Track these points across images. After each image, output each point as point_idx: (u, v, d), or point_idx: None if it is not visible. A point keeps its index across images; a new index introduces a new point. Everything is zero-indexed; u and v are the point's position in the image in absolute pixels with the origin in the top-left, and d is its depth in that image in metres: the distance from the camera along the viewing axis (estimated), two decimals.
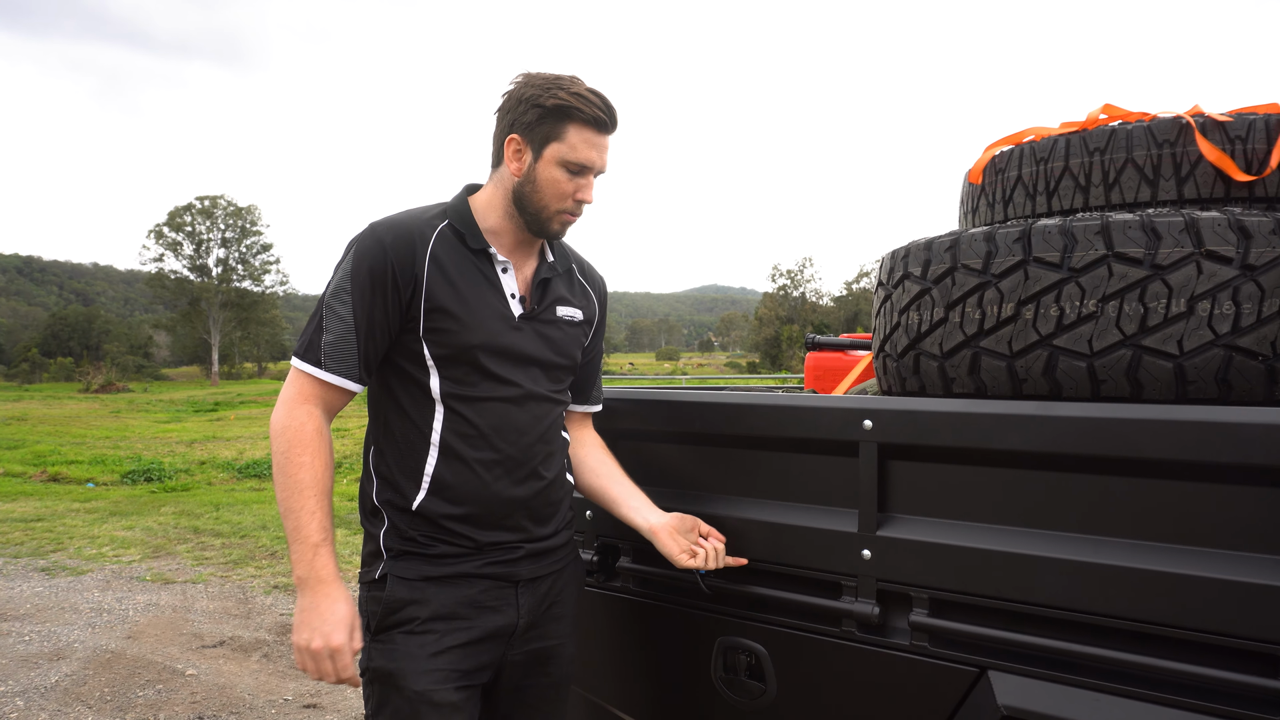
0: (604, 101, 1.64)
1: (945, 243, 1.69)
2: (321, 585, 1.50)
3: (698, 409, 1.81)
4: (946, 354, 1.67)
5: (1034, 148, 2.08)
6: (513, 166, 1.64)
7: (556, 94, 1.59)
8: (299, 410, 1.56)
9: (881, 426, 1.56)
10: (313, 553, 1.51)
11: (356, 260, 1.59)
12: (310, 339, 1.59)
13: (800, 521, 1.66)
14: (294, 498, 1.52)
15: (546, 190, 1.63)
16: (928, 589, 1.50)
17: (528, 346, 1.67)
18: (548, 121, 1.60)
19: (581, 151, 1.62)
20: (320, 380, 1.57)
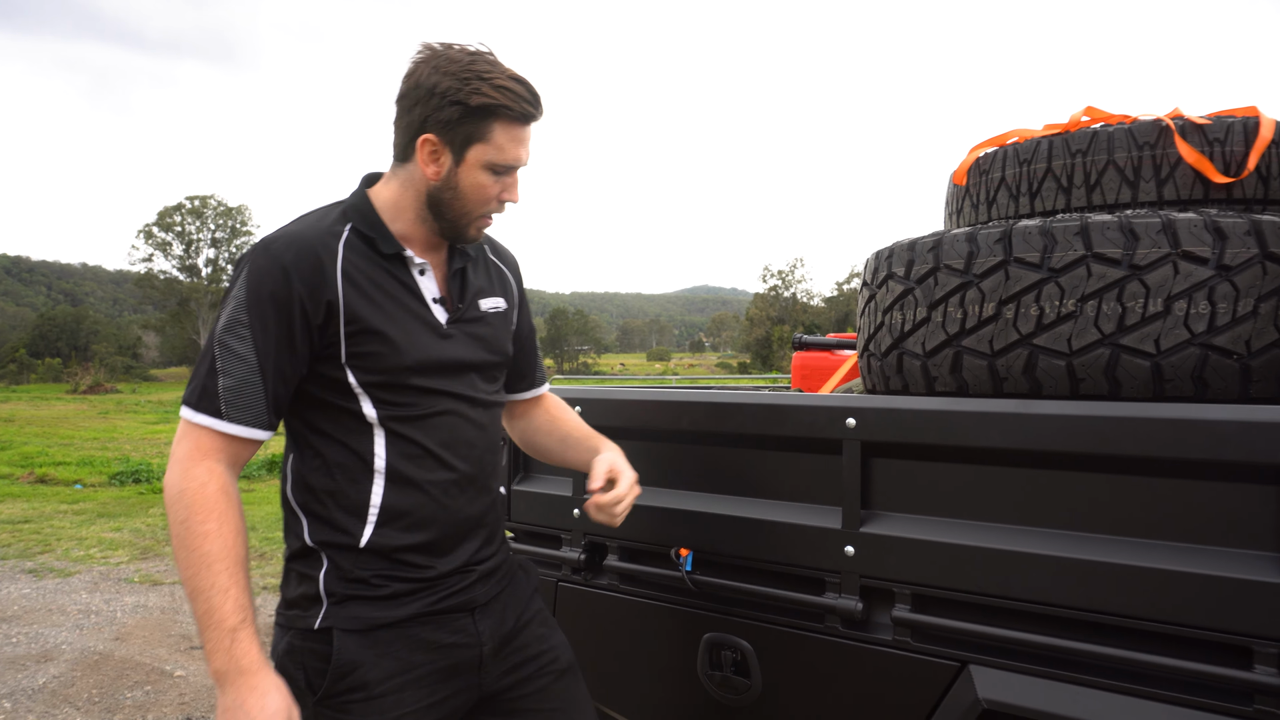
0: (530, 91, 1.43)
1: (928, 243, 1.71)
2: (244, 677, 1.27)
3: (685, 408, 1.83)
4: (929, 353, 1.69)
5: (1017, 149, 2.11)
6: (429, 170, 1.42)
7: (480, 89, 1.37)
8: (197, 469, 1.32)
9: (865, 425, 1.57)
10: (230, 639, 1.27)
11: (253, 287, 1.36)
12: (204, 385, 1.34)
13: (785, 518, 1.68)
14: (201, 574, 1.28)
15: (470, 196, 1.44)
16: (910, 585, 1.52)
17: (460, 353, 1.50)
18: (470, 121, 1.39)
19: (509, 151, 1.42)
20: (221, 433, 1.34)
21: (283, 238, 1.40)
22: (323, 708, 1.38)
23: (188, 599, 1.30)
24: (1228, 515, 1.27)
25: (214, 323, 1.38)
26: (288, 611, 1.44)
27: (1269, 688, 1.20)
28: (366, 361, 1.40)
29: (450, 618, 1.48)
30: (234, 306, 1.36)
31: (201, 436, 1.34)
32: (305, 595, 1.42)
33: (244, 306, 1.35)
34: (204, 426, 1.34)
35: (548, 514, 2.04)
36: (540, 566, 2.10)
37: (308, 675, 1.39)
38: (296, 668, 1.39)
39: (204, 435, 1.34)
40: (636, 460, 1.95)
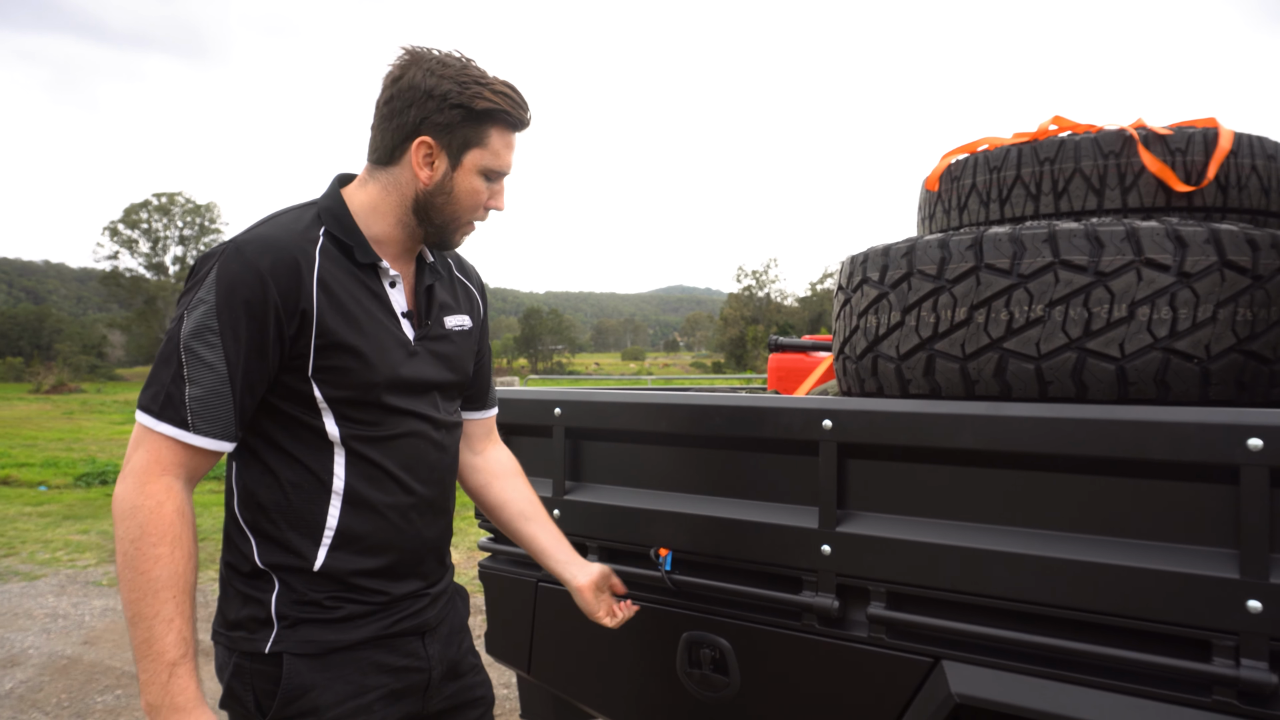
0: (524, 99, 1.43)
1: (902, 249, 1.75)
2: (179, 715, 1.21)
3: (664, 410, 1.85)
4: (903, 356, 1.73)
5: (988, 156, 2.16)
6: (423, 174, 1.39)
7: (482, 94, 1.36)
8: (155, 486, 1.24)
9: (840, 426, 1.61)
10: (168, 673, 1.21)
11: (225, 292, 1.28)
12: (168, 392, 1.26)
13: (762, 518, 1.71)
14: (146, 600, 1.21)
15: (463, 201, 1.42)
16: (885, 582, 1.56)
17: (426, 372, 1.46)
18: (470, 125, 1.37)
19: (504, 157, 1.42)
20: (185, 445, 1.26)
21: (257, 240, 1.32)
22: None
23: (128, 623, 1.22)
24: (1188, 513, 1.32)
25: (176, 325, 1.29)
26: (232, 633, 1.38)
27: (1225, 679, 1.25)
28: (334, 376, 1.35)
29: (403, 641, 1.45)
30: (203, 311, 1.28)
31: (163, 447, 1.26)
32: (253, 617, 1.36)
33: (214, 312, 1.27)
34: (166, 436, 1.26)
35: None
36: (520, 567, 2.12)
37: (257, 697, 1.35)
38: (245, 689, 1.36)
39: (165, 446, 1.26)
40: (617, 461, 1.98)
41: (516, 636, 2.14)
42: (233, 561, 1.40)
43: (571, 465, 2.03)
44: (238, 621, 1.37)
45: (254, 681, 1.35)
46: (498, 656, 2.21)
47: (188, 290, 1.31)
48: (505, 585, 2.14)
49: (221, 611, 1.41)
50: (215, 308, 1.27)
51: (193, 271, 1.34)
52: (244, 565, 1.38)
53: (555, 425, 2.02)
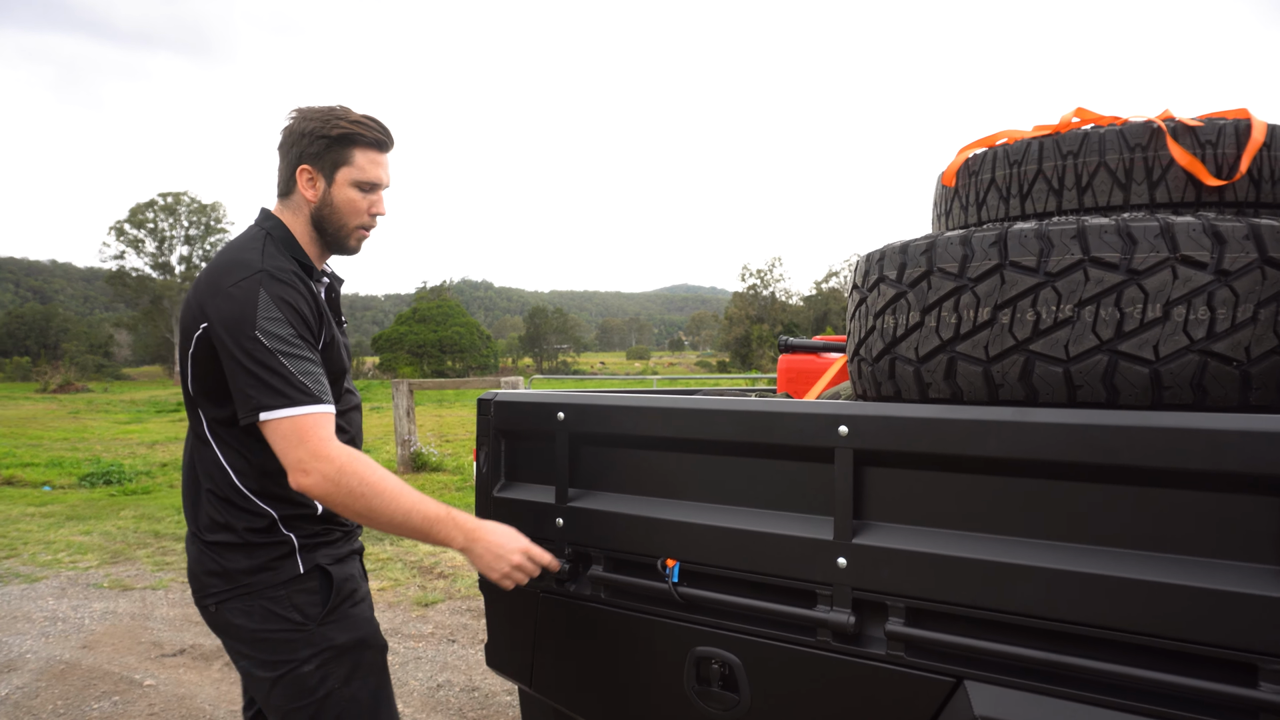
0: (380, 125, 1.82)
1: (921, 246, 1.67)
2: (482, 530, 1.69)
3: (671, 414, 1.78)
4: (922, 358, 1.65)
5: (1007, 150, 2.07)
6: (308, 194, 1.79)
7: (338, 124, 1.76)
8: (330, 449, 1.60)
9: (857, 432, 1.53)
10: (451, 521, 1.66)
11: (283, 305, 1.67)
12: (293, 385, 1.61)
13: (775, 529, 1.63)
14: (398, 507, 1.62)
15: (345, 210, 1.80)
16: (904, 598, 1.48)
17: (348, 360, 1.90)
18: (335, 149, 1.76)
19: (370, 171, 1.80)
20: (324, 414, 1.63)
21: (277, 269, 1.70)
22: (324, 626, 1.72)
23: (403, 535, 1.64)
24: (1229, 527, 1.24)
25: (254, 343, 1.61)
26: (252, 578, 1.71)
27: (1274, 706, 1.17)
28: (327, 366, 1.76)
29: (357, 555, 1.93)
30: (273, 320, 1.63)
31: (320, 422, 1.62)
32: (275, 557, 1.72)
33: (285, 322, 1.65)
34: (319, 414, 1.62)
35: (530, 522, 1.99)
36: None
37: (301, 611, 1.71)
38: (288, 611, 1.71)
39: (321, 420, 1.62)
40: (622, 468, 1.90)
41: (518, 649, 2.06)
42: (232, 523, 1.71)
43: (574, 471, 1.96)
44: (255, 568, 1.71)
45: (294, 599, 1.71)
46: (498, 669, 2.14)
47: (236, 315, 1.63)
48: (506, 595, 2.07)
49: (224, 573, 1.71)
50: (285, 319, 1.65)
51: (228, 296, 1.65)
52: (260, 522, 1.72)
53: (558, 430, 1.94)
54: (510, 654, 2.09)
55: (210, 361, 1.67)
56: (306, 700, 1.69)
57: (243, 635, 1.71)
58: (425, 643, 4.75)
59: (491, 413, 2.07)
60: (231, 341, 1.61)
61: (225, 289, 1.65)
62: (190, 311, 1.71)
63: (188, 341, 1.70)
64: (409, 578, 6.08)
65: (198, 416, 1.77)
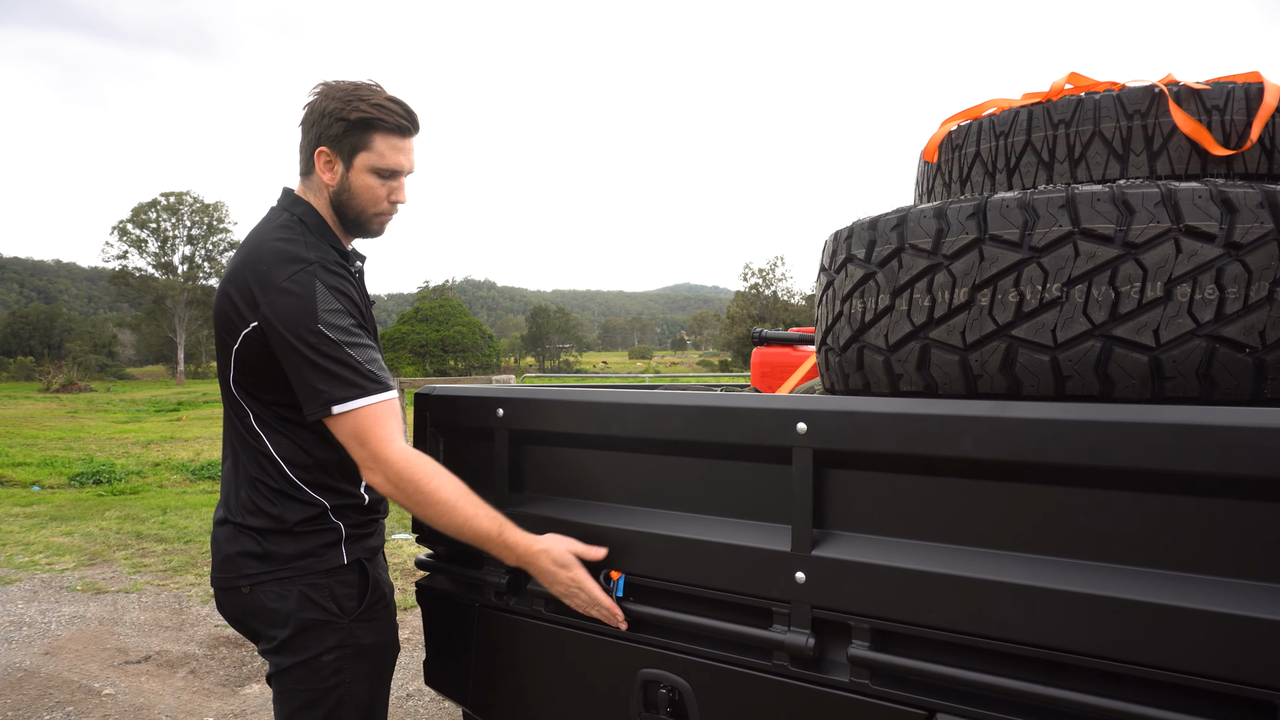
0: (404, 108, 1.73)
1: (892, 220, 1.49)
2: (533, 551, 1.58)
3: (615, 410, 1.60)
4: (892, 347, 1.47)
5: (993, 121, 1.89)
6: (325, 177, 1.73)
7: (359, 106, 1.68)
8: (396, 447, 1.57)
9: (817, 430, 1.35)
10: (501, 541, 1.58)
11: (337, 294, 1.63)
12: (359, 373, 1.58)
13: (726, 539, 1.45)
14: (453, 517, 1.57)
15: (363, 196, 1.73)
16: (870, 618, 1.30)
17: (377, 339, 1.79)
18: (354, 133, 1.68)
19: (389, 158, 1.72)
20: (390, 401, 1.60)
21: (326, 260, 1.67)
22: (357, 623, 1.70)
23: (457, 539, 1.60)
24: (1242, 540, 1.06)
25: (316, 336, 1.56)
26: (296, 563, 1.68)
27: None
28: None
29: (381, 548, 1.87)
30: (332, 311, 1.60)
31: (385, 409, 1.59)
32: (321, 544, 1.69)
33: (344, 313, 1.62)
34: (385, 402, 1.59)
35: None
36: (460, 587, 1.87)
37: (339, 602, 1.69)
38: (326, 599, 1.68)
39: (386, 411, 1.59)
40: (567, 470, 1.72)
41: (455, 666, 1.88)
42: (291, 514, 1.67)
43: (515, 473, 1.78)
44: (301, 553, 1.68)
45: (333, 589, 1.69)
46: (436, 686, 1.96)
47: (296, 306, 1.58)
48: (443, 607, 1.89)
49: (266, 556, 1.68)
50: (342, 309, 1.61)
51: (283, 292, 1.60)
52: (312, 511, 1.69)
53: (498, 428, 1.76)
54: (447, 672, 1.92)
55: (260, 358, 1.64)
56: (313, 685, 1.68)
57: (275, 619, 1.68)
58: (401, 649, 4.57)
59: (428, 408, 1.89)
60: (294, 337, 1.57)
61: (279, 284, 1.60)
62: (232, 306, 1.65)
63: (232, 338, 1.66)
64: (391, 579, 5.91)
65: (243, 410, 1.72)
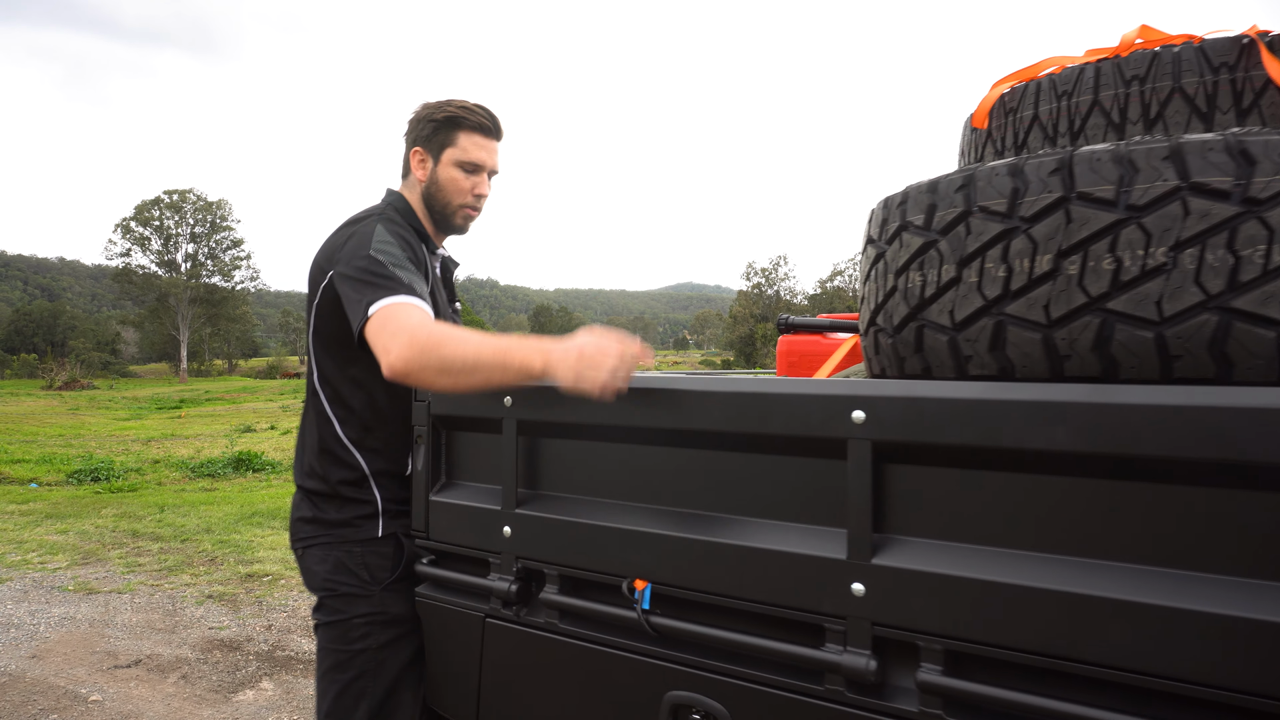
0: (487, 111, 1.95)
1: (956, 181, 1.31)
2: (559, 344, 1.45)
3: (640, 399, 1.41)
4: (960, 324, 1.29)
5: (1054, 80, 1.71)
6: (419, 173, 1.94)
7: (445, 108, 1.91)
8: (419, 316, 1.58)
9: (878, 419, 1.17)
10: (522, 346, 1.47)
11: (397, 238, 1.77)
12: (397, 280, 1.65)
13: (770, 544, 1.27)
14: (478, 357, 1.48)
15: (448, 188, 1.92)
16: (943, 638, 1.12)
17: None
18: (442, 131, 1.91)
19: (472, 153, 1.92)
20: (428, 310, 1.63)
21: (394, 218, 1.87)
22: (387, 592, 1.77)
23: (487, 384, 1.50)
24: None
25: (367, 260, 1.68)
26: (337, 530, 1.80)
27: None
28: None
29: None
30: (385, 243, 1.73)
31: (419, 309, 1.62)
32: (360, 515, 1.80)
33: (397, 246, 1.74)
34: (420, 304, 1.64)
35: (472, 532, 1.63)
36: (465, 597, 1.69)
37: (371, 571, 1.78)
38: (359, 567, 1.78)
39: (421, 309, 1.63)
40: (584, 466, 1.54)
41: (460, 684, 1.70)
42: (329, 475, 1.81)
43: (526, 470, 1.60)
44: (342, 521, 1.80)
45: (366, 559, 1.78)
46: (439, 706, 1.78)
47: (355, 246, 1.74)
48: (446, 620, 1.71)
49: (316, 520, 1.81)
50: (398, 245, 1.75)
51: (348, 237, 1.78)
52: (352, 475, 1.81)
53: (505, 418, 1.58)
54: (451, 691, 1.73)
55: (333, 310, 1.76)
56: (342, 647, 1.76)
57: (315, 581, 1.80)
58: None
59: (429, 398, 1.71)
60: (348, 267, 1.70)
61: (347, 236, 1.79)
62: (316, 267, 1.82)
63: (314, 294, 1.81)
64: None
65: (312, 369, 1.87)
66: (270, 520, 7.91)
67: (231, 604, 5.30)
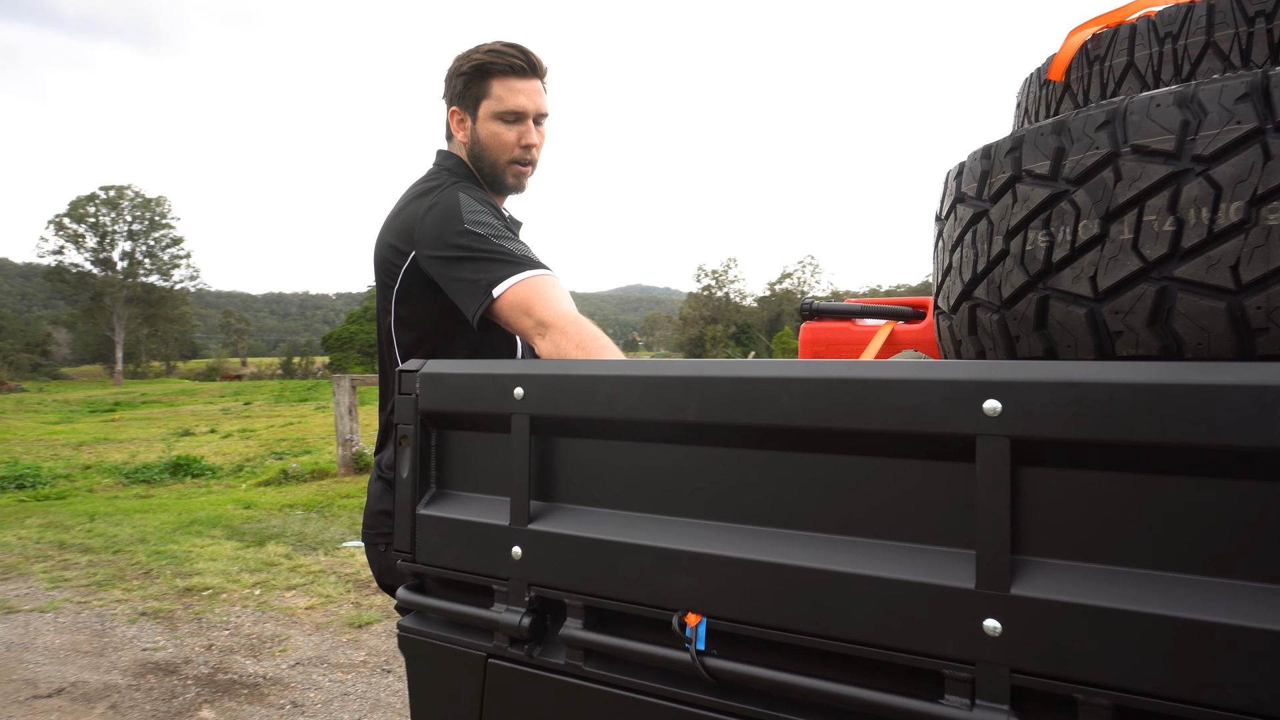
0: (518, 49, 1.74)
1: (1099, 118, 1.05)
2: None
3: (694, 386, 1.13)
4: (1105, 293, 1.03)
5: (1155, 22, 1.47)
6: (460, 135, 1.80)
7: (472, 57, 1.74)
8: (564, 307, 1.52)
9: (1019, 410, 0.91)
10: None
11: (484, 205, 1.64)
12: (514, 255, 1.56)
13: (871, 569, 1.00)
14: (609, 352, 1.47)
15: (492, 144, 1.76)
16: (1108, 690, 0.86)
17: None
18: (473, 84, 1.74)
19: (509, 100, 1.74)
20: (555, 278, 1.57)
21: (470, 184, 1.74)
22: None
23: None
24: None
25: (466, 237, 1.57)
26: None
27: None
28: None
29: None
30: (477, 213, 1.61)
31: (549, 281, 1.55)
32: None
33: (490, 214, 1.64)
34: (547, 274, 1.56)
35: (472, 553, 1.33)
36: (462, 633, 1.38)
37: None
38: None
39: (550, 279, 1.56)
40: (611, 471, 1.25)
41: None
42: None
43: (541, 477, 1.30)
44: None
45: None
46: None
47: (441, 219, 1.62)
48: (437, 660, 1.40)
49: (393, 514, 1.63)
50: (490, 213, 1.63)
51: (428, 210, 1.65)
52: None
53: (515, 415, 1.28)
54: None
55: (422, 291, 1.66)
56: None
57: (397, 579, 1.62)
58: (355, 674, 4.04)
59: (416, 389, 1.40)
60: (445, 246, 1.59)
61: (425, 210, 1.65)
62: (390, 248, 1.69)
63: (392, 279, 1.69)
64: (342, 593, 5.36)
65: (391, 349, 1.74)
66: (210, 529, 7.44)
67: (168, 622, 4.88)
